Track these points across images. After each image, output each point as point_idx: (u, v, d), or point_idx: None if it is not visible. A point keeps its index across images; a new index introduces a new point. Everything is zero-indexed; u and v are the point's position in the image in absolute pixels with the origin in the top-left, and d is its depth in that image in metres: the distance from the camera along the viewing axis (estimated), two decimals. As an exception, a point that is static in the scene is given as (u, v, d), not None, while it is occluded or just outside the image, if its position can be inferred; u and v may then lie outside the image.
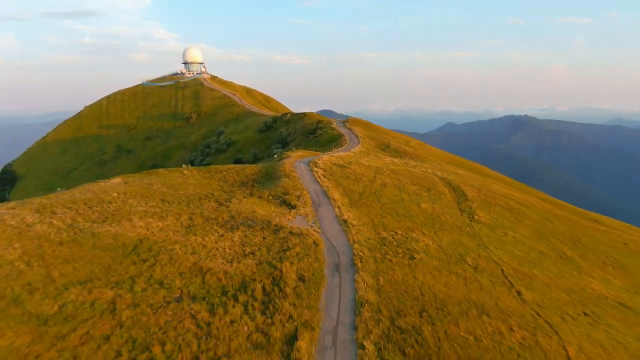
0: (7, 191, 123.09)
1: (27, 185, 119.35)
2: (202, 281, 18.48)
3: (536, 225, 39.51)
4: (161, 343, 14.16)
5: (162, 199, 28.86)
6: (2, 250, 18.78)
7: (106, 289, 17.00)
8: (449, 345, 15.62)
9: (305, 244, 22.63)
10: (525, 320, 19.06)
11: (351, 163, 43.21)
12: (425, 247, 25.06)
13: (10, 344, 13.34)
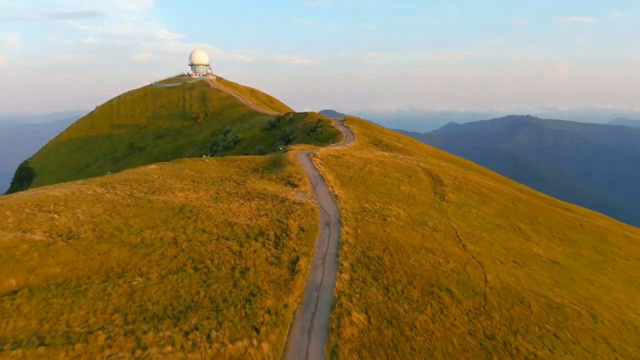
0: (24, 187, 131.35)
1: (44, 181, 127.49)
2: (231, 230, 26.45)
3: (500, 206, 47.41)
4: (210, 260, 22.13)
5: (192, 179, 36.91)
6: (90, 208, 26.80)
7: (167, 231, 25.01)
8: (400, 266, 23.53)
9: (305, 210, 30.59)
10: (461, 259, 26.96)
11: (345, 155, 51.24)
12: (397, 214, 32.99)
13: (118, 256, 21.34)
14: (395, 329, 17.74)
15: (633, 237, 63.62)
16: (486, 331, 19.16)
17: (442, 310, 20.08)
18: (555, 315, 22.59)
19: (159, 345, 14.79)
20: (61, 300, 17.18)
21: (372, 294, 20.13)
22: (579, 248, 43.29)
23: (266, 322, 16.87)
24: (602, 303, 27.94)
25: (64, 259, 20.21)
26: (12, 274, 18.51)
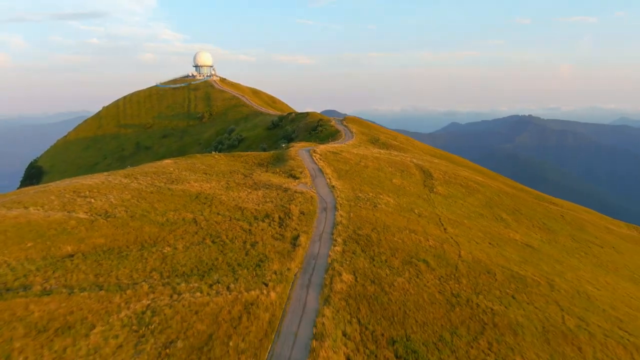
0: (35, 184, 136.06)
1: (54, 179, 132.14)
2: (241, 213, 30.85)
3: (485, 198, 51.71)
4: (225, 235, 26.54)
5: (204, 172, 41.35)
6: (120, 194, 31.25)
7: (187, 213, 29.44)
8: (385, 242, 27.89)
9: (305, 197, 34.98)
10: (440, 238, 31.31)
11: (342, 151, 55.62)
12: (387, 202, 37.35)
13: (149, 231, 25.76)
14: (376, 286, 22.11)
15: (614, 229, 67.92)
16: (453, 291, 23.52)
17: (417, 275, 24.45)
18: (516, 284, 26.95)
19: (190, 292, 19.20)
20: (109, 262, 21.62)
21: (359, 262, 24.51)
22: (556, 236, 47.56)
23: (273, 279, 21.26)
24: (564, 278, 32.27)
25: (105, 233, 24.65)
26: (67, 242, 22.95)
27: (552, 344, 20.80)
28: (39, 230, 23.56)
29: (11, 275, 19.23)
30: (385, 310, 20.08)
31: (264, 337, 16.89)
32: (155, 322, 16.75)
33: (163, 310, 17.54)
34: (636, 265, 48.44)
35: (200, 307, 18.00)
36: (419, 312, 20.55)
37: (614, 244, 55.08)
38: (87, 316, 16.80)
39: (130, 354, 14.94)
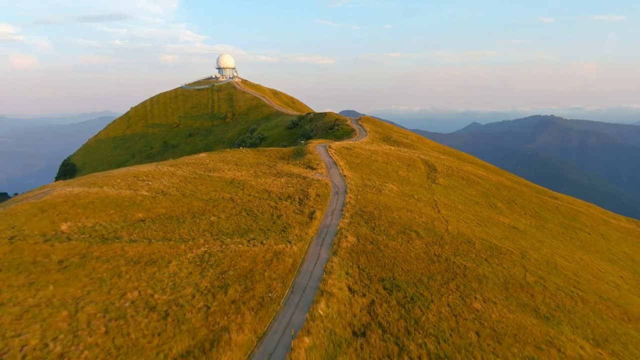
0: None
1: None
2: (268, 195, 37.95)
3: (483, 189, 57.87)
4: (257, 209, 33.64)
5: (235, 163, 48.67)
6: (169, 179, 38.65)
7: (225, 193, 36.67)
8: (385, 217, 34.60)
9: (321, 184, 41.91)
10: (432, 217, 37.85)
11: (355, 147, 62.42)
12: (390, 189, 44.03)
13: (197, 205, 33.02)
14: (374, 246, 28.90)
15: (611, 221, 73.20)
16: (435, 253, 30.16)
17: (408, 241, 31.15)
18: (491, 251, 33.43)
19: (234, 244, 26.31)
20: (171, 225, 28.91)
21: (362, 230, 31.33)
22: (546, 222, 53.51)
23: (295, 239, 28.23)
24: (538, 252, 38.52)
25: (165, 205, 32.01)
26: (138, 211, 30.33)
27: (509, 290, 27.33)
28: (116, 202, 31.03)
29: (104, 230, 26.64)
30: (378, 261, 26.87)
31: (288, 272, 23.88)
32: (212, 260, 23.90)
33: (216, 254, 24.68)
34: (619, 250, 54.09)
35: (242, 252, 25.10)
36: (405, 263, 27.27)
37: (605, 233, 60.61)
38: (164, 255, 24.04)
39: (198, 277, 22.08)
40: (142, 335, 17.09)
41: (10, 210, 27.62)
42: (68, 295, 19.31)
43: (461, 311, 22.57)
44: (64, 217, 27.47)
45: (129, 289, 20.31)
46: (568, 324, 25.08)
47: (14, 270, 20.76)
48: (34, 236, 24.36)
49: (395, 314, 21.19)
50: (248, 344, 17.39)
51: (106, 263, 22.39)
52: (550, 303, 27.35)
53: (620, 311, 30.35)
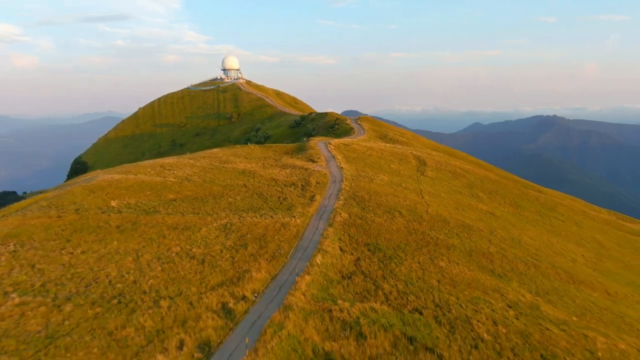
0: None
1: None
2: (275, 182, 44.64)
3: (468, 181, 64.39)
4: (265, 193, 40.33)
5: (245, 157, 55.41)
6: (191, 168, 45.41)
7: (239, 181, 43.39)
8: (374, 200, 41.20)
9: (320, 174, 48.56)
10: (415, 201, 44.41)
11: (353, 144, 69.09)
12: (381, 179, 50.65)
13: (217, 190, 39.73)
14: (362, 220, 35.53)
15: (591, 212, 79.66)
16: (414, 227, 36.76)
17: (392, 218, 37.76)
18: (463, 228, 40.00)
19: (250, 217, 32.99)
20: (197, 203, 35.62)
21: (354, 209, 37.97)
22: (523, 211, 60.03)
23: (298, 215, 34.88)
24: (507, 231, 45.05)
25: (190, 189, 38.74)
26: (169, 192, 37.06)
27: (472, 256, 33.93)
28: (150, 185, 37.78)
29: (145, 206, 33.37)
30: (365, 231, 33.51)
31: (293, 237, 30.55)
32: (233, 227, 30.60)
33: (236, 224, 31.38)
34: (590, 236, 60.53)
35: (256, 223, 31.79)
36: (387, 234, 33.90)
37: (580, 221, 67.04)
38: (195, 224, 30.75)
39: (223, 239, 28.76)
40: (187, 272, 23.78)
41: (67, 192, 34.41)
42: (129, 248, 26.03)
43: (428, 267, 29.20)
44: (111, 196, 34.23)
45: (172, 245, 27.02)
46: (517, 281, 31.72)
47: (85, 232, 27.50)
48: (93, 209, 31.13)
49: (375, 267, 27.82)
50: (264, 280, 24.05)
51: (152, 228, 29.12)
52: (506, 267, 33.97)
53: (567, 276, 37.00)
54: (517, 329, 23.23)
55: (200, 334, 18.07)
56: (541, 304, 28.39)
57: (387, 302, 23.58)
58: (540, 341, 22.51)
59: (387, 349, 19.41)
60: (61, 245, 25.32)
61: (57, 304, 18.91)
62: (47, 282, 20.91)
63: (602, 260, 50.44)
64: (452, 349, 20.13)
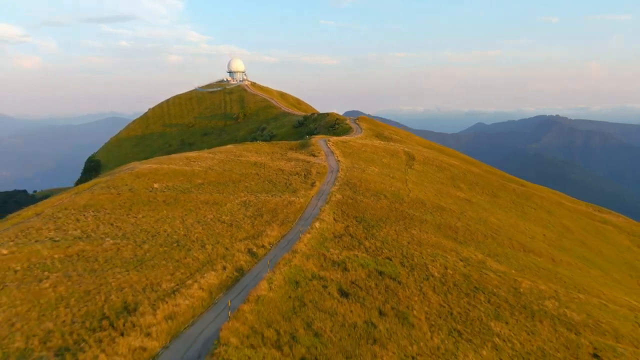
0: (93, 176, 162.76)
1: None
2: (282, 172, 53.83)
3: (452, 174, 73.39)
4: (274, 180, 49.54)
5: (255, 152, 64.64)
6: (211, 161, 54.68)
7: (252, 170, 52.59)
8: (364, 186, 50.30)
9: (320, 165, 57.71)
10: (399, 187, 53.46)
11: (350, 141, 78.25)
12: (372, 170, 59.74)
13: (238, 177, 48.97)
14: (353, 200, 44.64)
15: (567, 204, 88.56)
16: (395, 207, 45.85)
17: (377, 200, 46.85)
18: (438, 209, 49.10)
19: (263, 196, 42.18)
20: (220, 186, 44.79)
21: (346, 192, 47.08)
22: (498, 199, 68.99)
23: (301, 196, 44.03)
24: (477, 213, 54.05)
25: (214, 176, 47.96)
26: (197, 178, 46.27)
27: (440, 229, 43.02)
28: (182, 173, 47.02)
29: (181, 188, 42.57)
30: (355, 208, 42.61)
31: (297, 211, 39.68)
32: (251, 204, 39.77)
33: (253, 201, 40.55)
34: (557, 222, 69.45)
35: (269, 200, 40.96)
36: (372, 210, 43.00)
37: (552, 210, 75.97)
38: (221, 201, 39.94)
39: (244, 210, 37.92)
40: (221, 231, 32.94)
41: (117, 177, 43.70)
42: (175, 215, 35.25)
43: (402, 233, 38.29)
44: (153, 180, 43.51)
45: (207, 214, 36.22)
46: (474, 247, 40.79)
47: (140, 204, 36.75)
48: (142, 189, 40.40)
49: (360, 231, 36.92)
50: (277, 237, 33.19)
51: (189, 203, 38.34)
52: (467, 237, 43.06)
53: (520, 246, 46.07)
54: (462, 272, 32.32)
55: (235, 263, 27.22)
56: (488, 261, 37.45)
57: (367, 252, 32.67)
58: (477, 280, 31.58)
59: (363, 277, 28.48)
60: (126, 212, 34.57)
61: (138, 244, 28.12)
62: (126, 233, 30.14)
63: (561, 240, 59.39)
64: (409, 279, 29.21)
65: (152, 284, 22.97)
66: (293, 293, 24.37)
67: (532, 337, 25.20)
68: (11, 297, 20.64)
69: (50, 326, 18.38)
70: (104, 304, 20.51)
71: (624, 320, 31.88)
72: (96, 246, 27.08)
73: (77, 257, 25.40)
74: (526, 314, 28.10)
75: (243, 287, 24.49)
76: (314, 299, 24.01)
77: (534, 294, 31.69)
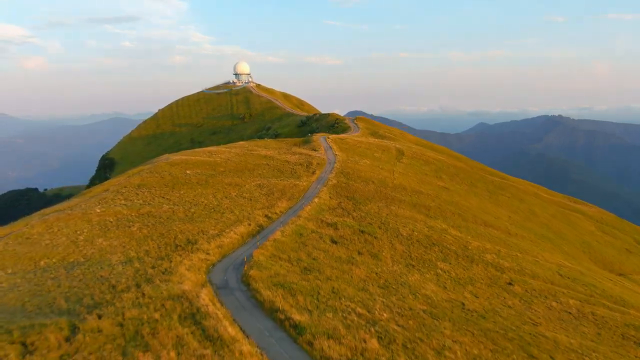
0: (108, 173, 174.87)
1: (125, 168, 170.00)
2: (288, 163, 65.31)
3: (436, 167, 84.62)
4: (282, 168, 61.05)
5: (264, 147, 76.14)
6: (228, 154, 66.22)
7: (262, 161, 64.09)
8: (356, 175, 61.66)
9: (320, 158, 69.16)
10: (385, 176, 64.77)
11: (346, 138, 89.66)
12: (364, 162, 71.09)
13: (249, 167, 60.51)
14: (346, 184, 56.03)
15: (543, 195, 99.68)
16: (382, 191, 57.20)
17: (367, 184, 58.21)
18: (416, 193, 60.44)
19: (273, 180, 53.64)
20: (239, 173, 56.28)
21: (341, 179, 58.46)
22: (475, 188, 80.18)
23: (304, 180, 55.48)
24: (450, 197, 65.30)
25: (232, 165, 59.45)
26: (219, 167, 57.78)
27: (416, 207, 54.39)
28: (207, 163, 58.53)
29: (208, 174, 54.03)
30: (348, 190, 53.97)
31: (301, 191, 51.11)
32: (264, 185, 51.22)
33: (265, 183, 52.01)
34: (527, 209, 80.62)
35: (278, 183, 52.40)
36: (362, 192, 54.34)
37: (525, 199, 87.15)
38: (241, 183, 51.40)
39: (259, 190, 49.37)
40: (243, 203, 44.31)
41: (157, 165, 55.24)
42: (207, 192, 46.68)
43: (382, 208, 49.61)
44: (185, 168, 55.04)
45: (231, 192, 47.64)
46: (441, 220, 52.07)
47: (179, 184, 48.25)
48: (178, 174, 51.93)
49: (349, 206, 48.26)
50: (285, 207, 44.55)
51: (217, 184, 49.82)
52: (437, 213, 54.38)
53: (482, 222, 57.38)
54: (425, 234, 43.66)
55: (257, 222, 38.61)
56: (450, 229, 48.78)
57: (353, 219, 44.01)
58: (436, 239, 42.91)
59: (349, 233, 39.78)
60: (170, 190, 46.08)
61: (187, 209, 39.59)
62: (175, 202, 41.62)
63: (525, 222, 70.62)
64: (383, 236, 40.51)
65: (202, 231, 34.41)
66: (298, 239, 35.76)
67: (466, 272, 36.60)
68: (115, 234, 32.16)
69: (146, 248, 29.86)
70: (174, 239, 31.98)
71: (547, 270, 43.26)
72: (158, 209, 38.62)
73: (147, 215, 36.94)
74: (467, 260, 39.50)
75: (264, 235, 35.88)
76: (312, 243, 35.42)
77: (479, 250, 43.07)
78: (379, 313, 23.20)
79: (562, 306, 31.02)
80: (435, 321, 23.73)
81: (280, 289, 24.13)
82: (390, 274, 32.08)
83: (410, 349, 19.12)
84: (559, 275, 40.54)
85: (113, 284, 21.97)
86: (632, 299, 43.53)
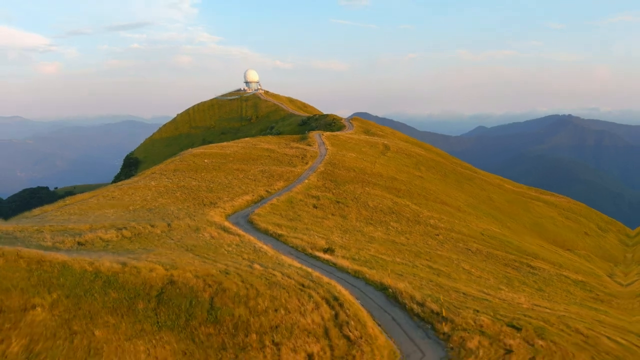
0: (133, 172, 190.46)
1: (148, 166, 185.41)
2: (286, 155, 79.73)
3: (417, 161, 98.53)
4: (281, 159, 75.51)
5: (267, 142, 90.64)
6: (235, 148, 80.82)
7: (264, 153, 78.60)
8: (342, 165, 75.89)
9: (313, 152, 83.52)
10: (367, 166, 78.87)
11: (339, 135, 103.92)
12: (351, 156, 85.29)
13: (253, 158, 75.16)
14: (331, 171, 70.29)
15: (505, 186, 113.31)
16: (360, 176, 71.42)
17: (348, 172, 72.42)
18: (390, 179, 74.66)
19: (273, 167, 68.14)
20: (245, 161, 70.90)
21: (328, 167, 72.75)
22: (446, 178, 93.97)
23: (298, 168, 69.84)
24: (421, 184, 79.37)
25: (239, 156, 74.00)
26: (229, 157, 72.30)
27: (388, 189, 68.64)
28: (219, 154, 73.15)
29: (220, 162, 68.54)
30: (332, 175, 68.25)
31: (295, 176, 65.43)
32: (266, 171, 65.68)
33: (267, 170, 66.43)
34: (486, 196, 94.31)
35: (276, 170, 66.83)
36: (343, 177, 68.59)
37: (487, 188, 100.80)
38: (247, 169, 65.90)
39: (262, 174, 63.84)
40: (248, 182, 58.67)
41: (184, 156, 69.99)
42: (220, 175, 61.18)
43: (357, 188, 63.86)
44: (203, 158, 69.71)
45: (239, 175, 62.07)
46: (407, 199, 66.22)
47: (200, 169, 62.86)
48: (199, 162, 66.57)
49: (332, 186, 62.51)
50: (282, 186, 58.76)
51: (228, 169, 64.30)
52: (405, 194, 68.52)
53: (440, 201, 71.44)
54: (389, 206, 57.85)
55: (259, 194, 52.96)
56: (410, 205, 62.92)
57: (333, 194, 58.25)
58: (396, 210, 57.06)
59: (327, 203, 53.98)
60: (195, 172, 60.67)
61: (208, 184, 54.18)
62: (199, 180, 56.22)
63: (480, 205, 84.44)
64: (354, 205, 54.69)
65: (220, 198, 48.88)
66: (289, 204, 50.14)
67: (409, 228, 50.80)
68: (167, 196, 46.81)
69: (187, 205, 44.39)
70: (202, 201, 46.46)
71: (472, 230, 57.26)
72: (189, 184, 53.25)
73: (183, 187, 51.56)
74: (415, 223, 53.68)
75: (264, 202, 50.31)
76: (299, 207, 49.81)
77: (426, 217, 57.22)
78: (333, 237, 37.60)
79: (466, 246, 45.18)
80: (369, 243, 38.07)
81: (271, 225, 38.52)
82: (352, 226, 46.36)
83: (345, 247, 33.50)
84: (481, 235, 54.60)
85: (177, 215, 36.63)
86: (546, 255, 57.48)
